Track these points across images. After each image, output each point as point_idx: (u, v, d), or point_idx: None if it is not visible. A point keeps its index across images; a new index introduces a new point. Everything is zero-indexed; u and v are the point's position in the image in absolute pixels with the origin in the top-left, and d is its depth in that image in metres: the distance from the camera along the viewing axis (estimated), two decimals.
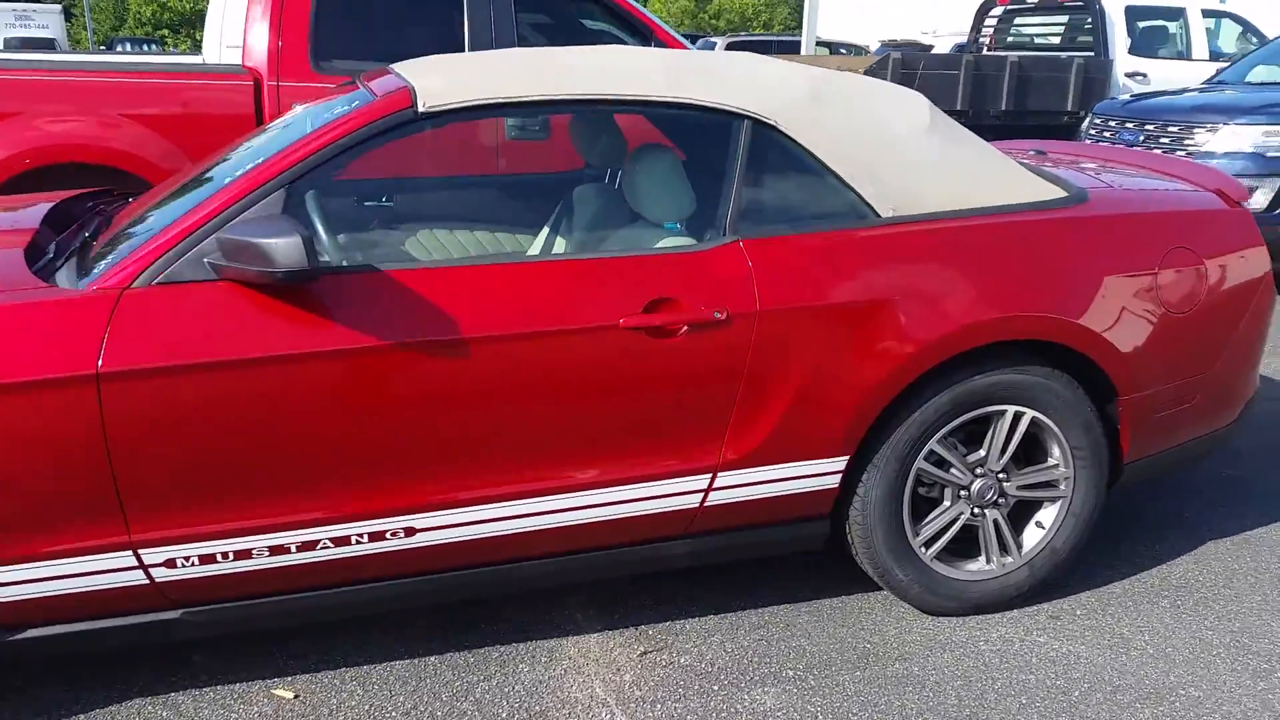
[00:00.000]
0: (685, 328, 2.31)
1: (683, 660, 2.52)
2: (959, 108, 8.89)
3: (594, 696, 2.37)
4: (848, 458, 2.50)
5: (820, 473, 2.49)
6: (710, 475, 2.42)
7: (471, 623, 2.66)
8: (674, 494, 2.41)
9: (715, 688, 2.41)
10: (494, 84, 2.35)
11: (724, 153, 2.47)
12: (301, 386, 2.11)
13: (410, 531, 2.26)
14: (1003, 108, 9.27)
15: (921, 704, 2.36)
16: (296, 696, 2.36)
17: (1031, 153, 3.42)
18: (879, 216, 2.51)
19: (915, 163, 2.57)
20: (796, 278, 2.39)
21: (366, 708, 2.32)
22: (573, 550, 2.43)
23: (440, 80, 2.33)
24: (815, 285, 2.39)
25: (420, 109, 2.28)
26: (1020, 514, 2.77)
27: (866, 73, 8.48)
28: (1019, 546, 2.73)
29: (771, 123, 2.47)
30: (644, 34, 5.02)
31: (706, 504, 2.44)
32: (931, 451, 2.57)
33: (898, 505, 2.57)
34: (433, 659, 2.51)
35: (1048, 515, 2.74)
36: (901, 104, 2.66)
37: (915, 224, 2.51)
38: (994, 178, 2.64)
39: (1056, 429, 2.63)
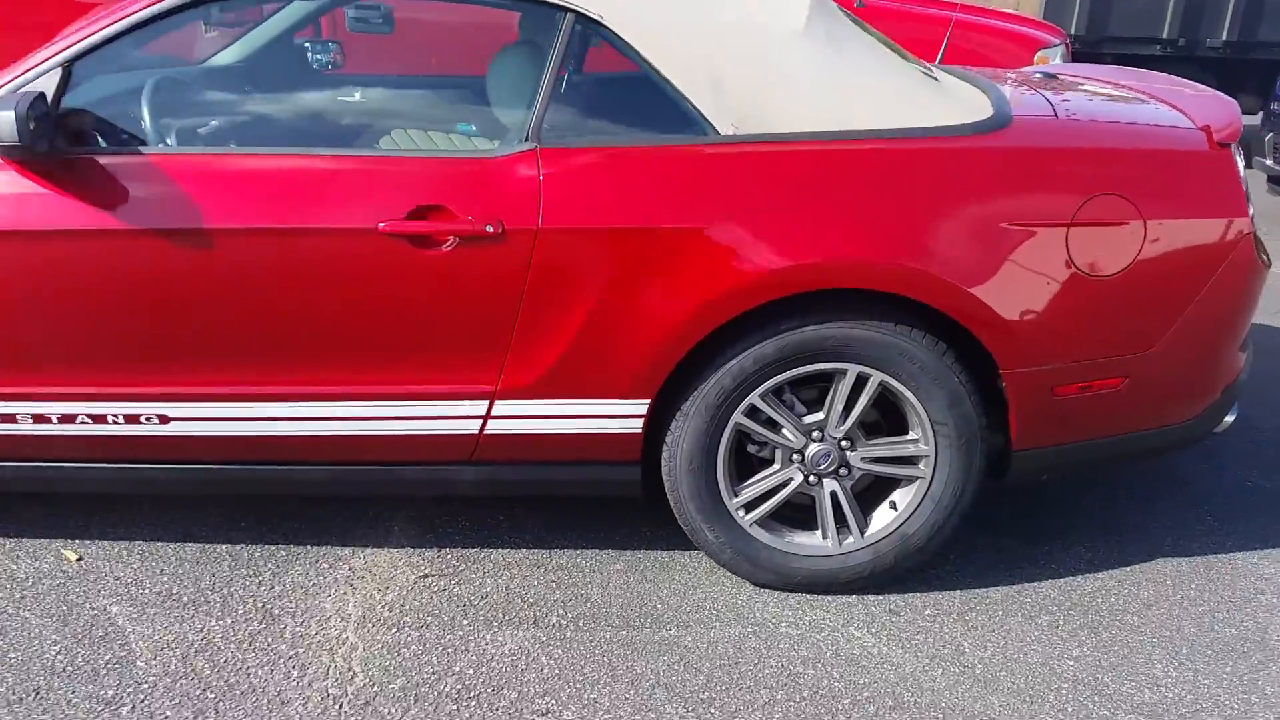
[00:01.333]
0: (453, 239, 2.11)
1: (456, 589, 2.38)
2: (1165, 37, 7.73)
3: (339, 611, 2.29)
4: (648, 401, 2.23)
5: (616, 414, 2.24)
6: (487, 402, 2.23)
7: (290, 518, 2.64)
8: (448, 416, 2.25)
9: (465, 622, 2.27)
10: None
11: (541, 50, 2.20)
12: (53, 262, 2.11)
13: (164, 419, 2.24)
14: (1224, 38, 7.97)
15: (663, 676, 2.11)
16: (79, 559, 2.44)
17: (1038, 75, 2.87)
18: (717, 133, 2.17)
19: (774, 73, 2.19)
20: (592, 195, 2.12)
21: (129, 581, 2.37)
22: (348, 461, 2.33)
23: None
24: (613, 205, 2.12)
25: None
26: (879, 491, 2.40)
27: None
28: (864, 526, 2.37)
29: (597, 17, 2.17)
30: None
31: (487, 432, 2.27)
32: (755, 407, 2.25)
33: (709, 460, 2.28)
34: (225, 546, 2.52)
35: (903, 496, 2.35)
36: (774, 2, 2.26)
37: (755, 144, 2.15)
38: (880, 95, 2.21)
39: (913, 398, 2.23)
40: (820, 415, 2.28)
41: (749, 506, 2.35)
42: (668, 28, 2.17)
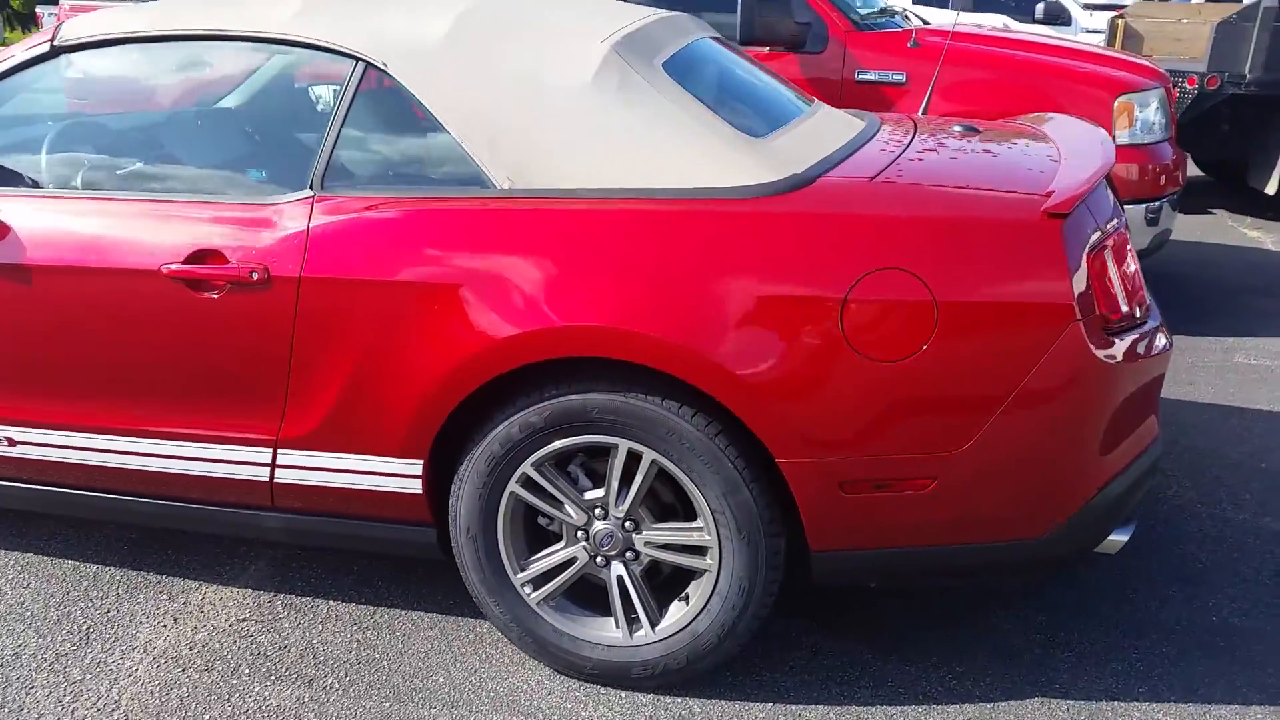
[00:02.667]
0: (226, 284, 2.15)
1: (261, 636, 2.40)
2: None
3: (148, 643, 2.37)
4: (421, 462, 2.16)
5: (393, 472, 2.19)
6: (272, 449, 2.25)
7: (165, 546, 2.76)
8: (241, 461, 2.28)
9: (246, 671, 2.27)
10: (125, 22, 2.35)
11: (332, 98, 2.22)
12: None
13: (11, 441, 2.42)
14: None
15: None
16: None
17: (958, 129, 2.56)
18: (494, 186, 2.10)
19: (553, 127, 2.09)
20: (360, 246, 2.10)
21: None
22: (170, 496, 2.41)
23: (84, 21, 2.39)
24: (379, 257, 2.09)
25: (55, 43, 2.37)
26: (680, 580, 2.19)
27: (1221, 24, 6.70)
28: (656, 618, 2.16)
29: (381, 66, 2.17)
30: None
31: (277, 480, 2.28)
32: (529, 477, 2.13)
33: (489, 529, 2.18)
34: (96, 567, 2.67)
35: (696, 589, 2.13)
36: (566, 53, 2.16)
37: (523, 200, 2.06)
38: (664, 152, 2.05)
39: (689, 481, 2.03)
40: (601, 492, 2.12)
41: (538, 582, 2.21)
42: (451, 77, 2.13)
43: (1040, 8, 11.24)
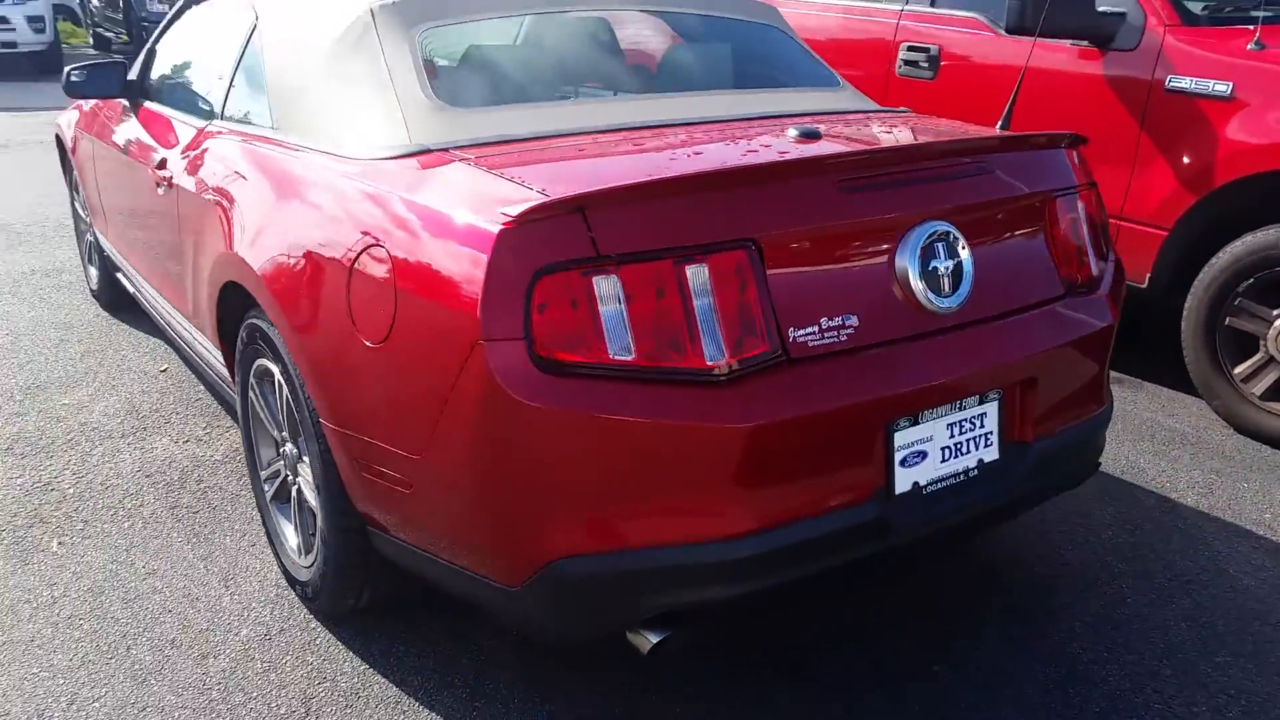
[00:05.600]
0: (165, 184, 2.81)
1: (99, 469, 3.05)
2: None
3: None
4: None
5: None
6: None
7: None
8: None
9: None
10: None
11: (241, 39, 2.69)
12: None
13: None
14: None
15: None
16: (164, 370, 3.77)
17: (794, 132, 2.05)
18: (272, 127, 2.42)
19: (306, 81, 2.33)
20: (200, 168, 2.59)
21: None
22: None
23: None
24: (206, 174, 2.55)
25: None
26: None
27: None
28: (311, 546, 2.30)
29: (257, 12, 2.58)
30: None
31: None
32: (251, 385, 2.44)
33: (247, 421, 2.53)
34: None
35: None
36: (337, 14, 2.29)
37: (261, 140, 2.40)
38: (349, 111, 2.16)
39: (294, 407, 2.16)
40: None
41: (270, 481, 2.48)
42: (285, 30, 2.47)
43: None
